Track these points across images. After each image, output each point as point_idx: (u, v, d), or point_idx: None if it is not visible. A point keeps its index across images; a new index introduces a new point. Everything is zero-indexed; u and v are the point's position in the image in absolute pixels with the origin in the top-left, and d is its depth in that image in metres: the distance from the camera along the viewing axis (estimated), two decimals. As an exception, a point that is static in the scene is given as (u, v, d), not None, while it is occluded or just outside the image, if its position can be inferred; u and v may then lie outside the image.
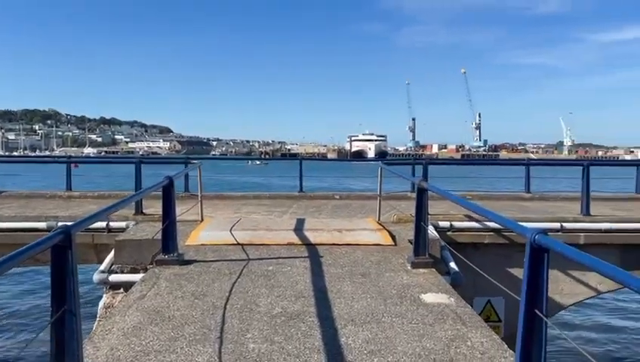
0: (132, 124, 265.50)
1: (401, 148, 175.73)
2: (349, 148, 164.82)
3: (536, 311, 3.35)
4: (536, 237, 3.22)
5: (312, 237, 7.43)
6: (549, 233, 9.10)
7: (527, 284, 3.35)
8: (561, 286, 8.96)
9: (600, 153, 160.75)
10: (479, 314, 8.92)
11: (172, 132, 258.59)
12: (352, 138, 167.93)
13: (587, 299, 9.95)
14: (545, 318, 3.30)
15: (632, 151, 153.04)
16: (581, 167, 10.08)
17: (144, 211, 9.28)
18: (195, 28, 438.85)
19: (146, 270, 6.50)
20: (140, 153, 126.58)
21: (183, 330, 4.25)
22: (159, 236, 6.35)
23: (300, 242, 7.23)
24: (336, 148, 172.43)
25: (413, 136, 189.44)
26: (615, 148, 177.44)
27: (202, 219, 8.71)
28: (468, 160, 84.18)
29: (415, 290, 5.37)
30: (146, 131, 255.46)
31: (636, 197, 13.04)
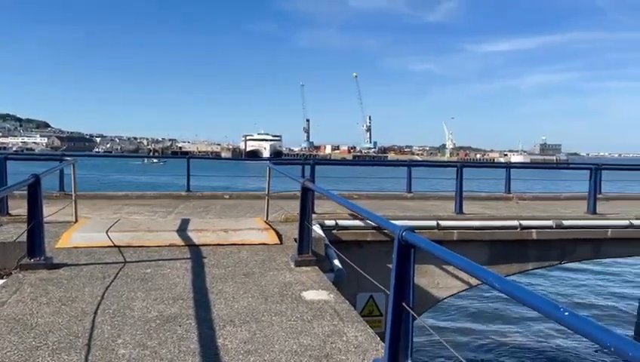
0: (4, 117, 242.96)
1: (296, 149, 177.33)
2: (243, 147, 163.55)
3: (404, 304, 3.53)
4: (403, 234, 3.38)
5: (196, 237, 7.26)
6: (426, 230, 9.63)
7: (395, 279, 3.51)
8: (437, 281, 9.52)
9: (478, 156, 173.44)
10: (362, 310, 9.31)
11: (50, 127, 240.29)
12: (247, 137, 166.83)
13: (461, 291, 10.65)
14: (411, 311, 3.48)
15: (506, 155, 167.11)
16: (455, 169, 10.76)
17: (10, 212, 8.54)
18: (76, 18, 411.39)
19: (10, 275, 5.97)
20: (14, 149, 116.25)
21: (47, 339, 3.95)
22: (24, 238, 5.86)
23: (182, 243, 7.03)
24: (230, 147, 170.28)
25: (308, 136, 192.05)
26: (492, 151, 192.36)
27: (77, 220, 8.17)
28: (353, 160, 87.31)
29: (297, 288, 5.43)
30: (20, 125, 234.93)
31: (505, 197, 14.19)
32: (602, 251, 10.73)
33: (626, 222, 10.47)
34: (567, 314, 1.99)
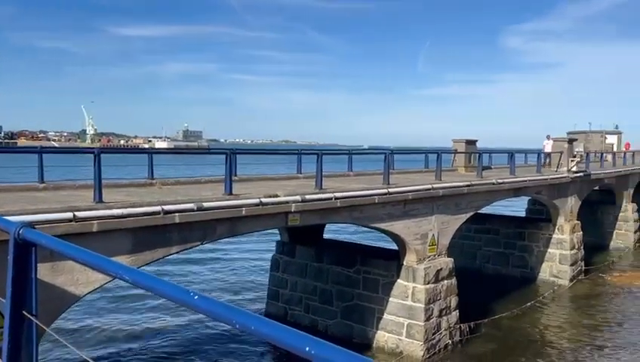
0: None
1: None
2: None
3: (25, 313, 3.03)
4: (21, 231, 2.90)
5: None
6: (61, 224, 8.76)
7: (12, 285, 3.00)
8: (76, 276, 8.77)
9: (122, 142, 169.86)
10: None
11: None
12: None
13: (105, 283, 10.14)
14: (34, 319, 3.01)
15: (150, 141, 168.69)
16: (93, 155, 10.07)
17: None
18: None
19: None
20: None
21: None
22: None
23: None
24: None
25: None
26: (136, 137, 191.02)
27: None
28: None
29: None
30: None
31: (149, 183, 14.14)
32: (238, 228, 11.77)
33: (256, 201, 11.72)
34: (197, 297, 1.96)
